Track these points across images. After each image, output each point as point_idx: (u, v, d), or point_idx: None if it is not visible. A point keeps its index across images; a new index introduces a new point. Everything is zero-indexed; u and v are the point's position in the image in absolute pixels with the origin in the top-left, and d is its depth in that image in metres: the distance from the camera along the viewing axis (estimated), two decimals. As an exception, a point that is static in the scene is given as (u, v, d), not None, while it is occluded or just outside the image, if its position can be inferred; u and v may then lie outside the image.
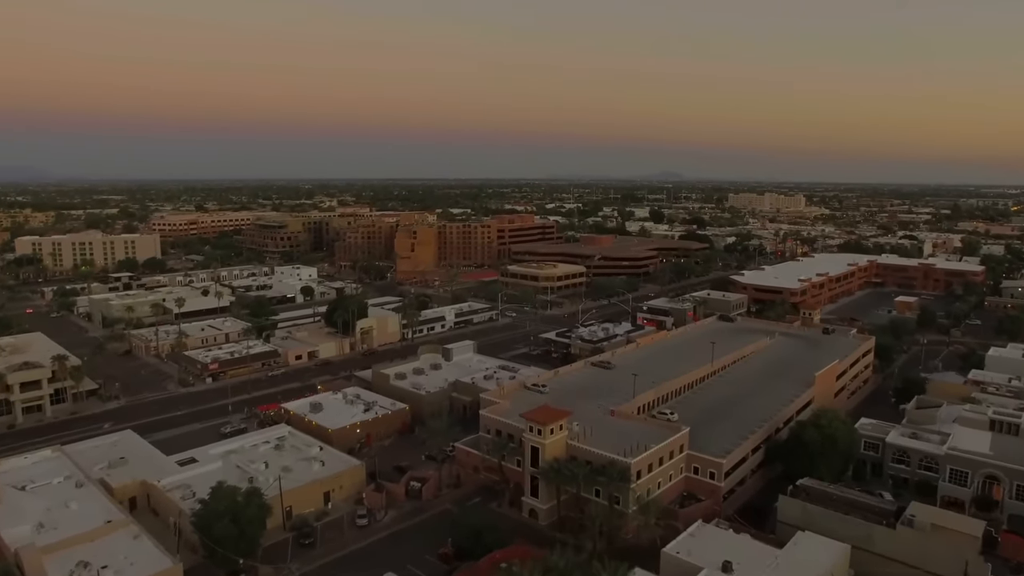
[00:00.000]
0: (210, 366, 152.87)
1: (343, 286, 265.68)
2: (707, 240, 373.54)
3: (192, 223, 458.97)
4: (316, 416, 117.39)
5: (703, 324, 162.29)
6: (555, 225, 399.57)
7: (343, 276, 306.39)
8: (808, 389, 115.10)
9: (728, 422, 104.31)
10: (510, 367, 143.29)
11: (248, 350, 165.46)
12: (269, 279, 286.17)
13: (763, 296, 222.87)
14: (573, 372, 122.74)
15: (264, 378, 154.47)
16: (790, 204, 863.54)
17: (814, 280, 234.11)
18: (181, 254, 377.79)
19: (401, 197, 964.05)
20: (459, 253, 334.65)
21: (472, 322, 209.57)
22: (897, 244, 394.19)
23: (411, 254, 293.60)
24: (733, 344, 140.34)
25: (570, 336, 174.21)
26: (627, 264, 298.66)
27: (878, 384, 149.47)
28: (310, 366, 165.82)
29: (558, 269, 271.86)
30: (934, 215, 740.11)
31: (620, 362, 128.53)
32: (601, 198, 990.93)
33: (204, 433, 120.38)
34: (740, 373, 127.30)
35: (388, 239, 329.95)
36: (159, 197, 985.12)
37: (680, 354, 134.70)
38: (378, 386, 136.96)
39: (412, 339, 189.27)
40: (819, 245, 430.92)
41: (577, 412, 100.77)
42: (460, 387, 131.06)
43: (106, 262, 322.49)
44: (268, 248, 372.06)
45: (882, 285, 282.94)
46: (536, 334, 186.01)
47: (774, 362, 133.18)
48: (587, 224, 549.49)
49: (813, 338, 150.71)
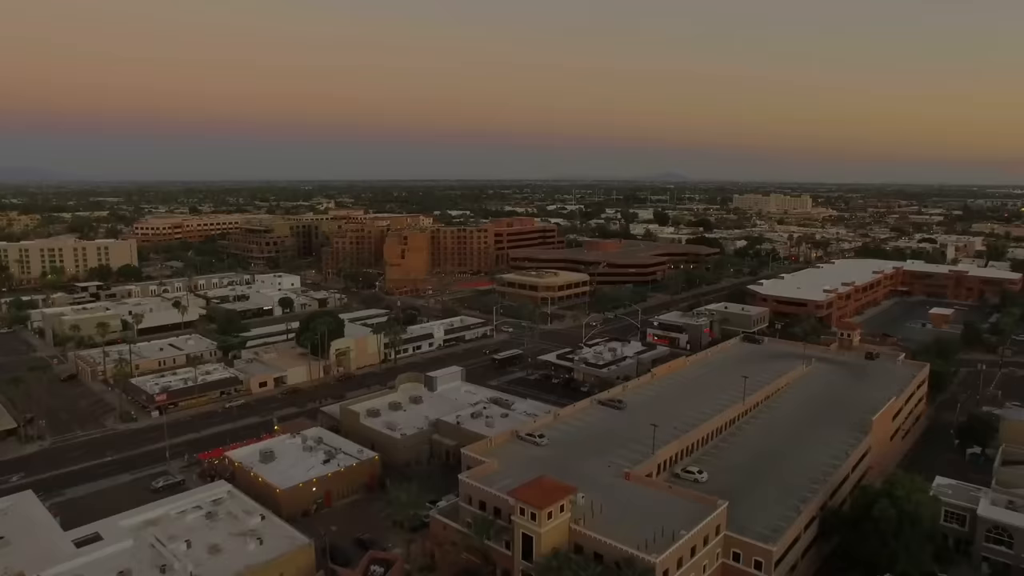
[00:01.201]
0: (157, 398, 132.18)
1: (326, 297, 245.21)
2: (717, 244, 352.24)
3: (176, 227, 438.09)
4: (265, 469, 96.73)
5: (726, 348, 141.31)
6: (556, 228, 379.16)
7: (330, 284, 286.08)
8: (864, 437, 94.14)
9: (770, 483, 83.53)
10: (503, 400, 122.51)
11: (205, 376, 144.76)
12: (249, 288, 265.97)
13: (785, 309, 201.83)
14: (577, 414, 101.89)
15: (220, 411, 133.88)
16: (796, 205, 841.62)
17: (840, 291, 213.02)
18: (161, 260, 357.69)
19: (400, 199, 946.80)
20: (454, 259, 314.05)
21: (464, 339, 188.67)
22: (918, 248, 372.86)
23: (401, 261, 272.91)
24: (763, 373, 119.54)
25: (573, 359, 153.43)
26: (634, 272, 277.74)
27: (932, 418, 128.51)
28: (276, 395, 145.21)
29: (559, 278, 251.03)
30: (946, 216, 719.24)
31: (633, 399, 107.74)
32: (603, 199, 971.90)
33: (132, 488, 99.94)
34: (777, 413, 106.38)
35: (378, 244, 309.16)
36: (156, 199, 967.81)
37: (703, 388, 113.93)
38: (347, 426, 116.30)
39: (395, 361, 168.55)
40: (833, 249, 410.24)
41: (583, 474, 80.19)
42: (443, 428, 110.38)
43: (77, 270, 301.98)
44: (252, 254, 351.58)
45: (909, 294, 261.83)
46: (534, 355, 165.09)
47: (816, 398, 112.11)
48: (590, 227, 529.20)
49: (855, 365, 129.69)
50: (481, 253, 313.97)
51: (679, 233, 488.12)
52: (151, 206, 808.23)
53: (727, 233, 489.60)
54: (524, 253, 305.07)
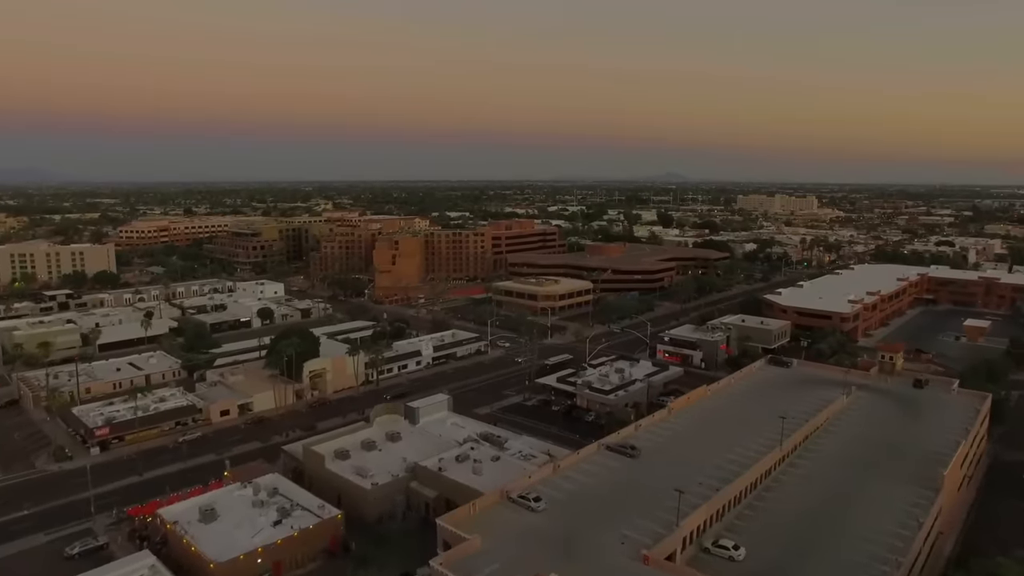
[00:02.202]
0: (97, 431, 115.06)
1: (310, 307, 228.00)
2: (726, 248, 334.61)
3: (163, 230, 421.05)
4: (202, 533, 79.50)
5: (750, 372, 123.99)
6: (557, 231, 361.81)
7: (317, 292, 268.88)
8: (935, 496, 76.79)
9: (825, 559, 66.42)
10: (494, 436, 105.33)
11: (158, 404, 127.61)
12: (229, 297, 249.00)
13: (808, 322, 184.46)
14: (582, 463, 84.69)
15: (172, 446, 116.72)
16: (802, 206, 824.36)
17: (866, 301, 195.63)
18: (144, 266, 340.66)
19: (400, 200, 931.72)
20: (449, 265, 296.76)
21: (455, 356, 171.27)
22: (937, 252, 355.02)
23: (392, 268, 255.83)
24: (797, 405, 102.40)
25: (575, 382, 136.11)
26: (639, 278, 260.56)
27: (993, 456, 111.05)
28: (239, 425, 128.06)
29: (560, 285, 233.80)
30: (956, 217, 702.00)
31: (648, 441, 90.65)
32: (605, 200, 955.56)
33: (46, 554, 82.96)
34: (820, 460, 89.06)
35: (369, 249, 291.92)
36: (153, 200, 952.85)
37: (729, 425, 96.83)
38: (310, 470, 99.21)
39: (378, 382, 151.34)
40: (845, 252, 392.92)
41: (589, 553, 63.06)
42: (422, 475, 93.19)
43: (51, 276, 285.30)
44: (239, 259, 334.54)
45: (934, 302, 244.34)
46: (532, 375, 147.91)
47: (864, 440, 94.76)
48: (592, 228, 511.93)
49: (902, 395, 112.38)
50: (478, 258, 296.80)
51: (684, 236, 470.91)
52: (147, 207, 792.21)
53: (734, 235, 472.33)
54: (523, 258, 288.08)
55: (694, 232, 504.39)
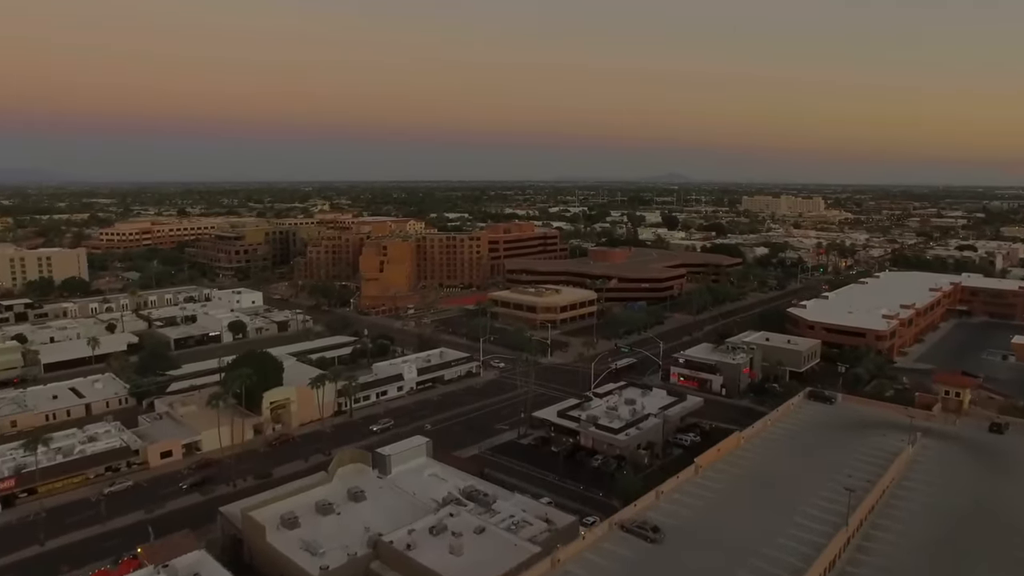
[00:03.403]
0: (2, 483, 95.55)
1: (288, 319, 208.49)
2: (738, 253, 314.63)
3: (145, 232, 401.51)
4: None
5: (787, 412, 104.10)
6: (558, 235, 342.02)
7: (301, 301, 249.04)
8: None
9: None
10: (480, 494, 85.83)
11: (85, 446, 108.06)
12: (204, 307, 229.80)
13: (838, 339, 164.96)
14: (590, 552, 65.11)
15: (95, 499, 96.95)
16: (809, 207, 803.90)
17: (901, 315, 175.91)
18: (122, 270, 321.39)
19: (400, 200, 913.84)
20: (442, 271, 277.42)
21: (443, 380, 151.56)
22: (961, 258, 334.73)
23: (379, 275, 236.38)
24: (852, 458, 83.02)
25: (579, 416, 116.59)
26: (647, 287, 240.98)
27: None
28: (183, 469, 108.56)
29: (562, 295, 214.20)
30: (968, 219, 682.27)
31: (672, 515, 71.11)
32: (607, 201, 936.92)
33: None
34: (897, 541, 69.22)
35: (357, 254, 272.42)
36: (150, 200, 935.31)
37: (774, 491, 77.15)
38: (251, 541, 79.74)
39: (351, 413, 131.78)
40: (861, 256, 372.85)
41: None
42: (386, 554, 73.63)
43: (14, 283, 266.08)
44: (221, 263, 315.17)
45: (968, 314, 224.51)
46: (529, 406, 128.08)
47: (947, 511, 74.79)
48: (595, 231, 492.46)
49: (977, 442, 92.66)
50: (473, 264, 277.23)
51: (691, 239, 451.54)
52: (141, 208, 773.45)
53: (743, 239, 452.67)
54: (522, 264, 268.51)
55: (701, 235, 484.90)
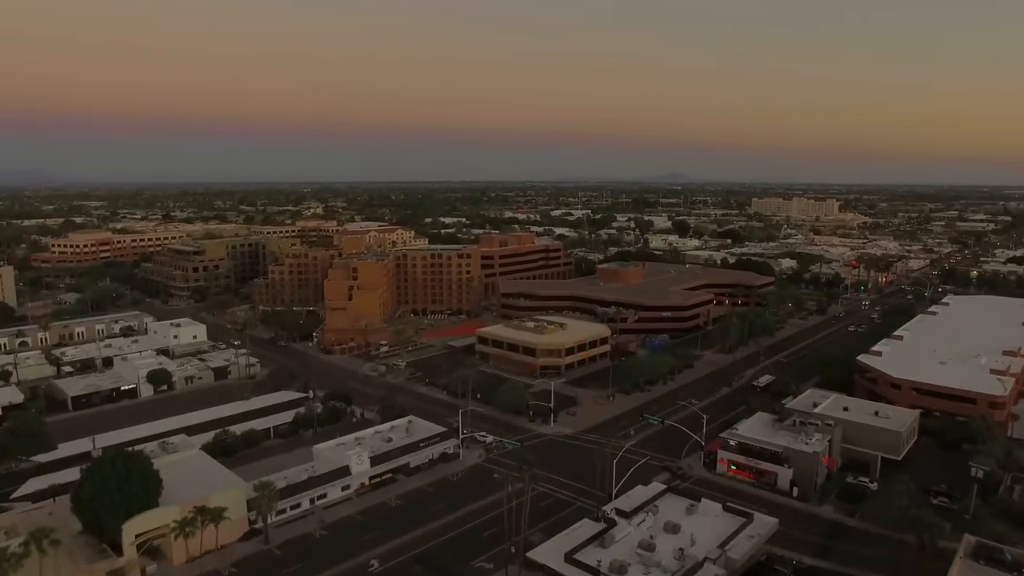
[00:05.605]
0: None
1: (227, 364, 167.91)
2: (768, 270, 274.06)
3: (103, 244, 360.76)
4: None
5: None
6: (561, 248, 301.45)
7: (258, 333, 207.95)
8: None
9: None
10: None
11: None
12: (135, 343, 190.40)
13: (931, 403, 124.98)
14: None
15: None
16: (823, 210, 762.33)
17: (1011, 368, 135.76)
18: (65, 291, 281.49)
19: (398, 202, 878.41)
20: (427, 295, 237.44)
21: (408, 468, 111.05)
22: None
23: (347, 304, 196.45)
24: None
25: (596, 566, 76.30)
26: (669, 315, 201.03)
27: None
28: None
29: (567, 332, 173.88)
30: (994, 222, 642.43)
31: None
32: (611, 202, 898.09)
33: None
34: None
35: (324, 275, 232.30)
36: (142, 203, 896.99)
37: None
38: None
39: (267, 537, 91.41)
40: (899, 270, 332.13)
41: None
42: None
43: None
44: (175, 282, 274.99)
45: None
46: (522, 546, 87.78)
47: None
48: (600, 238, 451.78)
49: None
50: (463, 285, 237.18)
51: (707, 248, 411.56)
52: (130, 211, 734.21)
53: (763, 247, 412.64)
54: (519, 286, 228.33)
55: (716, 243, 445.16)
